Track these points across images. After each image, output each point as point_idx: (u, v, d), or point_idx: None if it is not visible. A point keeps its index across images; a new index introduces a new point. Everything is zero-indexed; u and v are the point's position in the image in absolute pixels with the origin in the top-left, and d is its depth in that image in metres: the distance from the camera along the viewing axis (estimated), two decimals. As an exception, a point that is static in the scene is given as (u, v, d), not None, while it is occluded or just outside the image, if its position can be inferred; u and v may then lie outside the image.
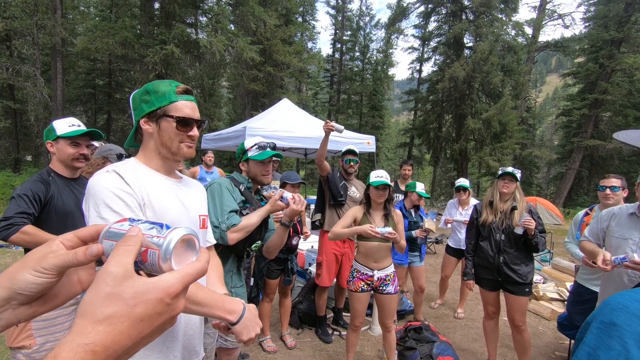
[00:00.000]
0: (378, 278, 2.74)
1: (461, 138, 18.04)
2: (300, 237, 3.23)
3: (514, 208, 2.77)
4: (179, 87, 1.15)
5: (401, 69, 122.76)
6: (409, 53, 24.13)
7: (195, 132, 1.17)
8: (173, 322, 0.39)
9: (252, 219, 1.84)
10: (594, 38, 18.85)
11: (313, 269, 4.29)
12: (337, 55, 29.22)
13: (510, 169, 2.85)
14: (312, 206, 9.73)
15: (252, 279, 3.20)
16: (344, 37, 28.28)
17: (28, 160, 18.08)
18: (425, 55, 23.52)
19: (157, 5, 11.78)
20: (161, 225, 0.41)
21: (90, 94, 19.50)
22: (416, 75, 24.80)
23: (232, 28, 12.45)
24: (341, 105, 28.39)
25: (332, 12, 28.12)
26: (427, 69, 23.87)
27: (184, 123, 1.13)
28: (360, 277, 2.76)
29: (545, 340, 3.86)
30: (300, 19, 25.10)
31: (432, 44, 22.55)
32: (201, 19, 13.79)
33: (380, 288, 2.74)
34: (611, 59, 17.74)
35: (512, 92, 18.23)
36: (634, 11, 17.29)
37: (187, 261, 0.40)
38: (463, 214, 4.33)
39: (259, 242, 2.06)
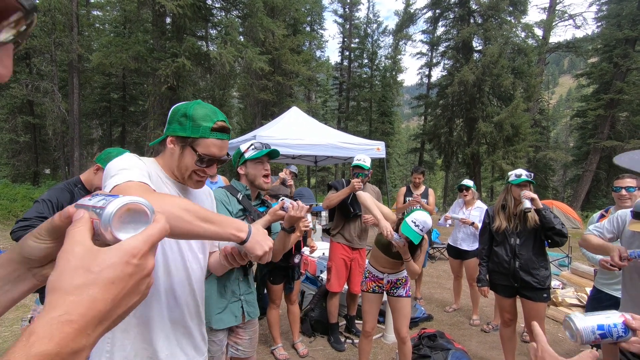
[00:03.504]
0: (388, 281, 2.71)
1: (473, 142, 17.83)
2: (301, 255, 3.25)
3: (526, 210, 2.71)
4: (217, 122, 1.14)
5: (410, 74, 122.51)
6: (418, 58, 24.15)
7: (213, 170, 1.18)
8: (149, 283, 0.40)
9: None
10: (607, 37, 18.49)
11: (324, 276, 4.26)
12: (345, 63, 29.37)
13: (524, 175, 2.78)
14: (324, 213, 9.69)
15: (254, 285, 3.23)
16: (352, 45, 28.45)
17: (47, 173, 18.60)
18: (434, 60, 23.47)
19: (168, 20, 12.10)
20: (115, 197, 0.41)
21: (106, 107, 20.02)
22: (425, 80, 24.74)
23: (242, 39, 12.68)
24: (350, 112, 28.44)
25: (340, 20, 28.37)
26: (436, 73, 23.88)
27: (205, 161, 1.14)
28: (372, 278, 2.77)
29: (566, 347, 3.73)
30: (308, 28, 25.39)
31: (441, 48, 22.49)
32: (211, 31, 14.10)
33: (392, 291, 2.71)
34: (626, 58, 17.36)
35: (523, 94, 17.99)
36: (648, 9, 16.94)
37: (139, 229, 0.41)
38: (466, 214, 4.31)
39: None
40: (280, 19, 14.82)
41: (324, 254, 5.23)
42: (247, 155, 2.02)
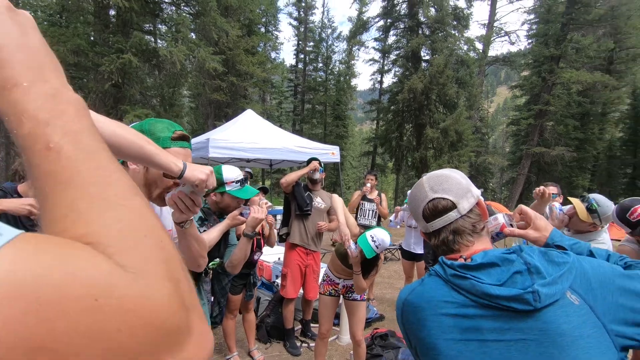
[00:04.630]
0: (344, 286, 2.82)
1: (421, 147, 18.82)
2: (261, 252, 3.22)
3: None
4: (176, 132, 1.11)
5: (363, 79, 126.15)
6: (370, 65, 24.94)
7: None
8: None
9: (212, 234, 1.78)
10: (536, 54, 20.54)
11: (280, 281, 4.28)
12: (300, 66, 29.55)
13: None
14: (279, 217, 9.65)
15: (211, 298, 3.14)
16: (307, 48, 28.71)
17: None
18: (386, 67, 24.40)
19: (112, 12, 11.34)
20: None
21: (38, 103, 18.22)
22: (378, 86, 25.63)
23: (193, 37, 12.24)
24: (305, 115, 28.67)
25: (295, 23, 28.51)
26: (388, 80, 24.85)
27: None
28: (329, 282, 2.85)
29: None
30: (263, 30, 25.19)
31: (392, 56, 23.46)
32: (160, 27, 13.43)
33: (347, 295, 2.81)
34: (551, 74, 19.37)
35: (466, 103, 19.36)
36: (569, 30, 19.07)
37: None
38: None
39: (217, 259, 2.04)
40: (235, 18, 14.54)
41: (279, 259, 5.24)
42: (229, 189, 1.92)
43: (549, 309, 0.68)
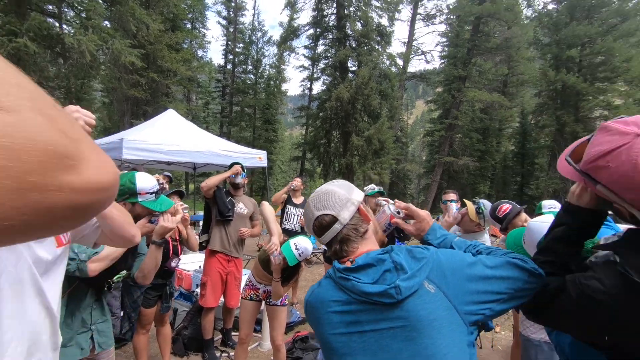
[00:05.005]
0: (264, 291, 2.83)
1: (347, 153, 19.64)
2: (179, 259, 3.06)
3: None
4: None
5: (294, 84, 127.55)
6: (300, 71, 25.33)
7: None
8: None
9: None
10: (447, 73, 22.93)
11: (199, 290, 4.11)
12: (229, 67, 28.75)
13: (377, 188, 3.28)
14: (201, 222, 9.25)
15: (121, 312, 2.90)
16: (237, 49, 28.06)
17: None
18: (315, 75, 24.98)
19: (4, -12, 9.79)
20: None
21: None
22: (307, 92, 26.13)
23: (107, 25, 11.12)
24: (234, 117, 27.91)
25: (224, 22, 27.69)
26: (317, 87, 25.48)
27: None
28: (251, 286, 2.85)
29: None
30: (189, 26, 23.98)
31: (321, 65, 24.14)
32: (67, 11, 11.94)
33: (268, 300, 2.83)
34: (459, 92, 21.79)
35: (388, 114, 20.77)
36: (473, 55, 21.68)
37: None
38: None
39: (124, 271, 1.90)
40: (157, 11, 13.61)
41: (200, 267, 5.03)
42: (141, 200, 1.77)
43: (409, 300, 0.80)
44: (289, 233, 4.32)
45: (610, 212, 0.88)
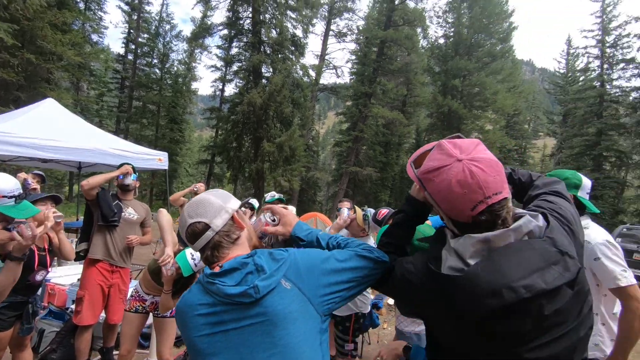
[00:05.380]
0: (152, 302, 2.65)
1: (258, 159, 19.49)
2: (47, 271, 2.64)
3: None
4: None
5: (205, 84, 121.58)
6: (212, 71, 24.36)
7: None
8: None
9: None
10: (355, 89, 24.58)
11: (74, 306, 3.63)
12: (130, 57, 26.08)
13: (277, 195, 3.38)
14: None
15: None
16: (140, 40, 25.65)
17: None
18: (228, 77, 24.31)
19: None
20: None
21: None
22: (219, 93, 25.21)
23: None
24: (134, 113, 25.34)
25: (127, 8, 25.11)
26: (230, 89, 24.72)
27: None
28: (137, 298, 2.65)
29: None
30: (82, 6, 21.13)
31: (234, 67, 23.61)
32: None
33: (156, 312, 2.65)
34: (365, 107, 23.53)
35: (300, 122, 21.29)
36: (378, 75, 23.69)
37: None
38: None
39: None
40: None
41: (78, 280, 4.44)
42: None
43: (267, 297, 0.88)
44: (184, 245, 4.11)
45: None
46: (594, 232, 1.83)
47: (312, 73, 23.31)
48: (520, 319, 0.77)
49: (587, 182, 1.94)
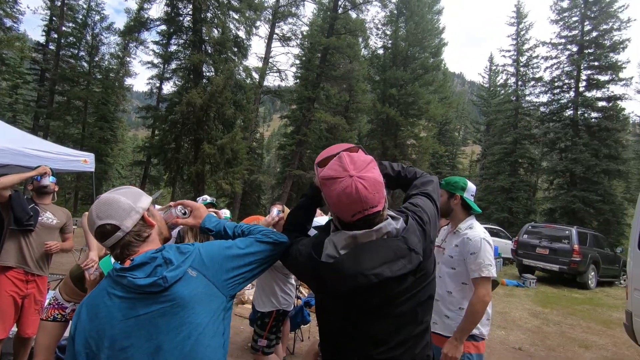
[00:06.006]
0: (72, 310, 2.56)
1: (198, 161, 18.83)
2: None
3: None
4: None
5: (140, 80, 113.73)
6: (148, 68, 23.02)
7: None
8: None
9: None
10: (299, 93, 24.89)
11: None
12: (52, 47, 23.65)
13: (209, 199, 3.43)
14: None
15: None
16: (64, 29, 23.39)
17: None
18: (166, 75, 23.17)
19: None
20: None
21: None
22: (156, 91, 23.90)
23: None
24: (56, 109, 22.98)
25: (48, -7, 22.75)
26: (168, 88, 23.55)
27: None
28: (56, 306, 2.55)
29: (244, 336, 4.70)
30: (-9, -15, 18.71)
31: (173, 65, 22.58)
32: None
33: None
34: (309, 111, 23.91)
35: (242, 124, 20.98)
36: (322, 80, 24.25)
37: None
38: None
39: None
40: None
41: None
42: None
43: (176, 285, 1.01)
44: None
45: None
46: (475, 231, 2.20)
47: (256, 75, 23.13)
48: (370, 296, 1.06)
49: (471, 186, 2.32)
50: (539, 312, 7.59)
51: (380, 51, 27.38)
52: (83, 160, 6.86)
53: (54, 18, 23.23)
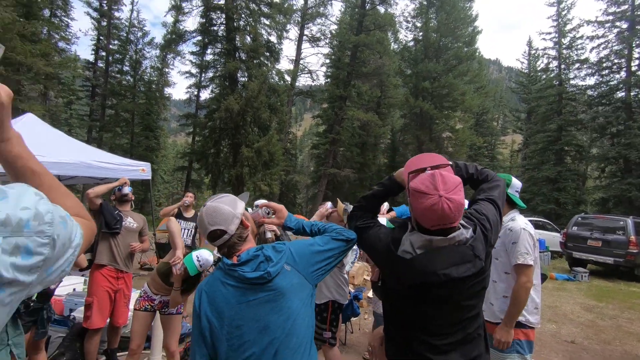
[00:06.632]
0: (160, 302, 2.96)
1: (237, 164, 19.61)
2: (61, 281, 2.95)
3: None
4: None
5: (179, 89, 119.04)
6: (187, 77, 24.19)
7: None
8: None
9: None
10: (330, 92, 25.09)
11: (77, 314, 3.85)
12: (101, 64, 25.51)
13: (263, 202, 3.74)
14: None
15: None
16: (111, 47, 25.14)
17: None
18: (203, 83, 24.22)
19: None
20: None
21: None
22: (194, 99, 25.05)
23: None
24: (107, 122, 24.80)
25: (95, 15, 24.56)
26: (205, 95, 24.61)
27: None
28: (146, 298, 2.94)
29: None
30: (47, 13, 20.56)
31: (210, 74, 23.55)
32: None
33: (163, 310, 2.97)
34: (341, 110, 24.07)
35: (277, 127, 21.55)
36: (352, 78, 24.30)
37: None
38: None
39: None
40: (6, -5, 11.43)
41: (74, 289, 4.63)
42: None
43: (276, 278, 1.28)
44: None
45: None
46: (516, 223, 2.35)
47: (288, 78, 23.63)
48: (437, 290, 1.30)
49: (516, 182, 2.45)
50: (593, 306, 7.32)
51: (411, 44, 26.95)
52: (141, 169, 7.50)
53: (101, 37, 25.05)
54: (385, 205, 3.66)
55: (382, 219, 2.24)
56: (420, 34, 25.37)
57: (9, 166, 0.75)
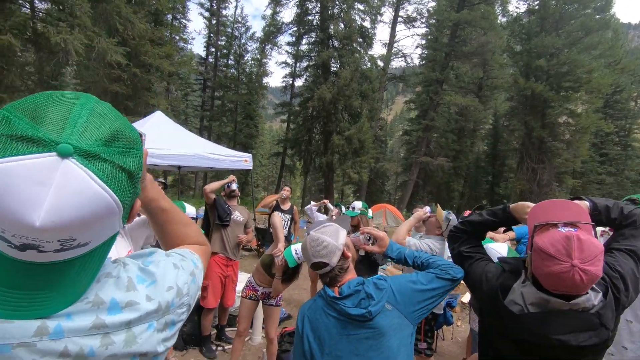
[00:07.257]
0: (262, 293, 3.28)
1: (328, 152, 20.12)
2: None
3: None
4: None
5: (276, 77, 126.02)
6: (282, 67, 25.43)
7: None
8: None
9: None
10: (425, 76, 23.70)
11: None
12: (210, 60, 28.46)
13: (358, 209, 3.77)
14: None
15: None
16: (219, 43, 27.80)
17: None
18: (298, 72, 25.15)
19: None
20: None
21: None
22: (289, 88, 26.27)
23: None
24: (215, 112, 27.75)
25: (207, 14, 27.36)
26: (299, 84, 25.63)
27: None
28: (251, 287, 3.30)
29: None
30: (169, 17, 23.60)
31: (304, 63, 24.32)
32: (39, 4, 11.42)
33: (265, 300, 3.29)
34: (437, 95, 22.63)
35: (368, 114, 21.34)
36: (450, 60, 22.53)
37: None
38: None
39: None
40: (142, 7, 13.45)
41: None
42: None
43: (377, 317, 1.29)
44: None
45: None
46: None
47: (381, 63, 23.06)
48: (545, 352, 1.16)
49: None
50: None
51: (524, 16, 23.65)
52: (244, 160, 8.19)
53: (211, 35, 27.85)
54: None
55: (501, 245, 2.06)
56: (536, 3, 22.05)
57: (145, 208, 0.88)
